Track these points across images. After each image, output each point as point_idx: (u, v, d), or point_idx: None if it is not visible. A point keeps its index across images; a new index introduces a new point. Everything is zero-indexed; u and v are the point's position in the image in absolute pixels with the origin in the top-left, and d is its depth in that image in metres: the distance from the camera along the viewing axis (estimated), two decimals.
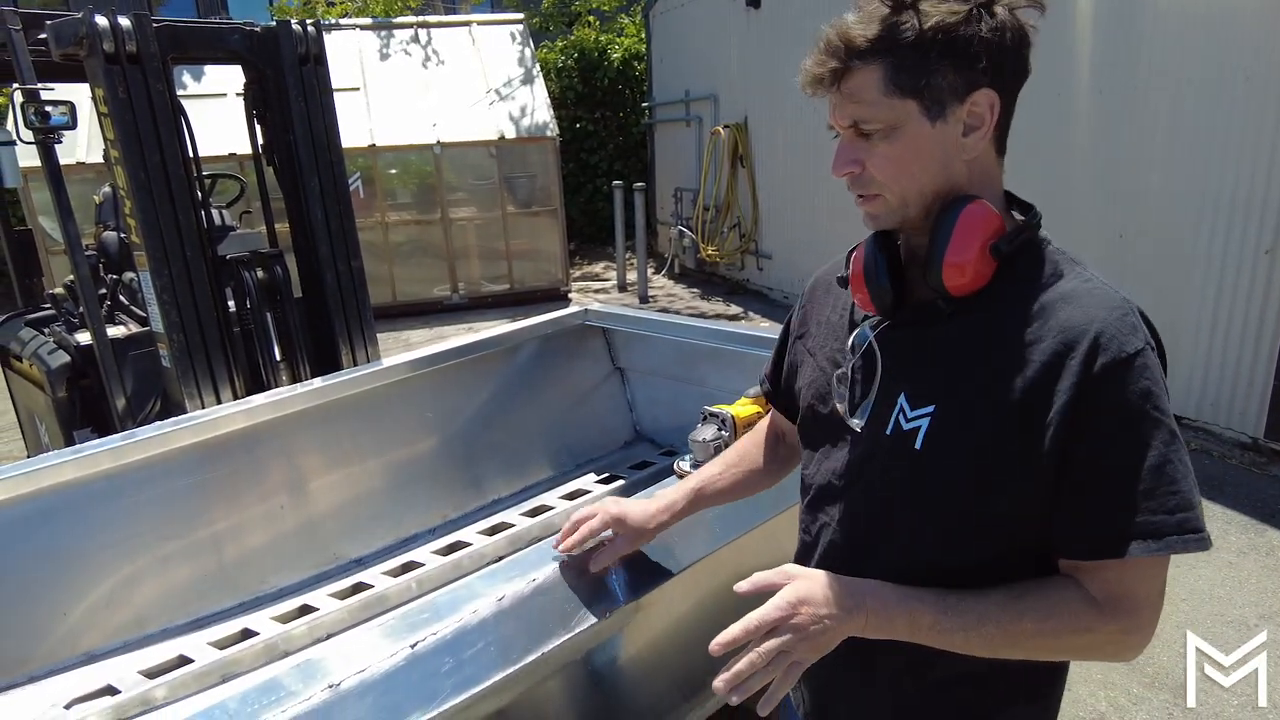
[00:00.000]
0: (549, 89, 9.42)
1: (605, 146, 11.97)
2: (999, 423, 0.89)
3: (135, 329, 3.14)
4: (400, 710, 1.17)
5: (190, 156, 2.85)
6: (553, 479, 2.90)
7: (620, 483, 2.73)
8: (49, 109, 2.66)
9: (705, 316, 7.71)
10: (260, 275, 3.09)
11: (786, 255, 8.06)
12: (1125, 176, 4.56)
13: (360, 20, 9.59)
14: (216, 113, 7.30)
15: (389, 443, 2.66)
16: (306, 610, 2.12)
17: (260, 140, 3.22)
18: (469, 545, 2.35)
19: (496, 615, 1.32)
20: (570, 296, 8.85)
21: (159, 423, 2.27)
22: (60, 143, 2.77)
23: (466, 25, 9.43)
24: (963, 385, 0.92)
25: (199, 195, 2.92)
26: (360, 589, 2.18)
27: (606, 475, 2.82)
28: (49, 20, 2.69)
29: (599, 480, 2.80)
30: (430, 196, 8.37)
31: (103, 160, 2.95)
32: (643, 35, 11.23)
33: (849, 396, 1.03)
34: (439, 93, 8.60)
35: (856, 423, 1.01)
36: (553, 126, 8.53)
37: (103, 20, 2.56)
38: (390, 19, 9.67)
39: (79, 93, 2.94)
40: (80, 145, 7.19)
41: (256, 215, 3.90)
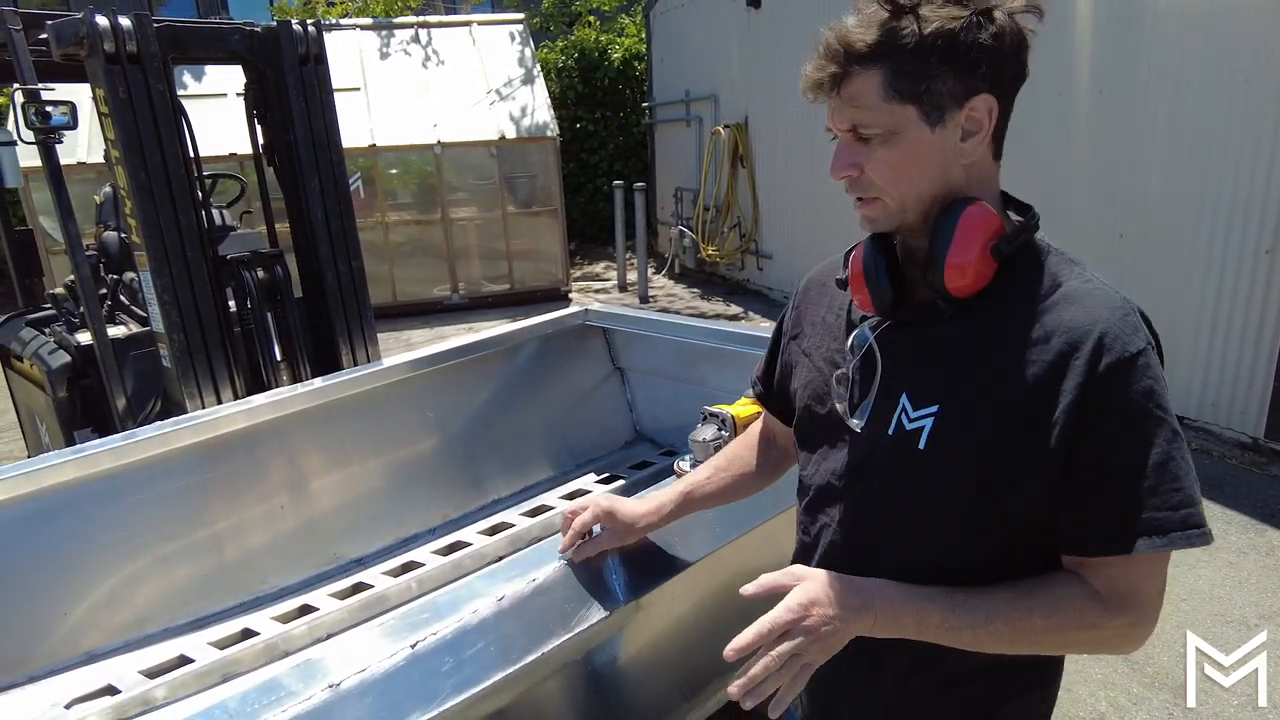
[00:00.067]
0: (549, 89, 9.42)
1: (605, 146, 11.97)
2: (1003, 422, 0.89)
3: (136, 329, 3.15)
4: (400, 710, 1.17)
5: (191, 156, 2.85)
6: (553, 479, 2.91)
7: (620, 482, 2.73)
8: (49, 109, 2.66)
9: (705, 316, 7.71)
10: (261, 275, 3.09)
11: (787, 255, 8.06)
12: (1125, 178, 4.56)
13: (360, 20, 9.59)
14: (217, 113, 7.31)
15: (389, 443, 2.66)
16: (307, 610, 2.12)
17: (261, 140, 3.22)
18: (469, 545, 2.35)
19: (496, 615, 1.33)
20: (570, 296, 8.85)
21: (159, 423, 2.27)
22: (61, 143, 2.77)
23: (467, 25, 9.43)
24: (966, 385, 0.92)
25: (199, 195, 2.92)
26: (360, 589, 2.18)
27: (607, 475, 2.82)
28: (50, 20, 2.70)
29: (599, 480, 2.80)
30: (431, 196, 8.37)
31: (103, 160, 2.95)
32: (643, 35, 11.23)
33: (848, 397, 1.03)
34: (439, 93, 8.60)
35: (856, 423, 1.01)
36: (553, 126, 8.53)
37: (103, 20, 2.56)
38: (390, 19, 9.67)
39: (79, 93, 2.95)
40: (81, 145, 7.20)
41: (257, 215, 3.91)
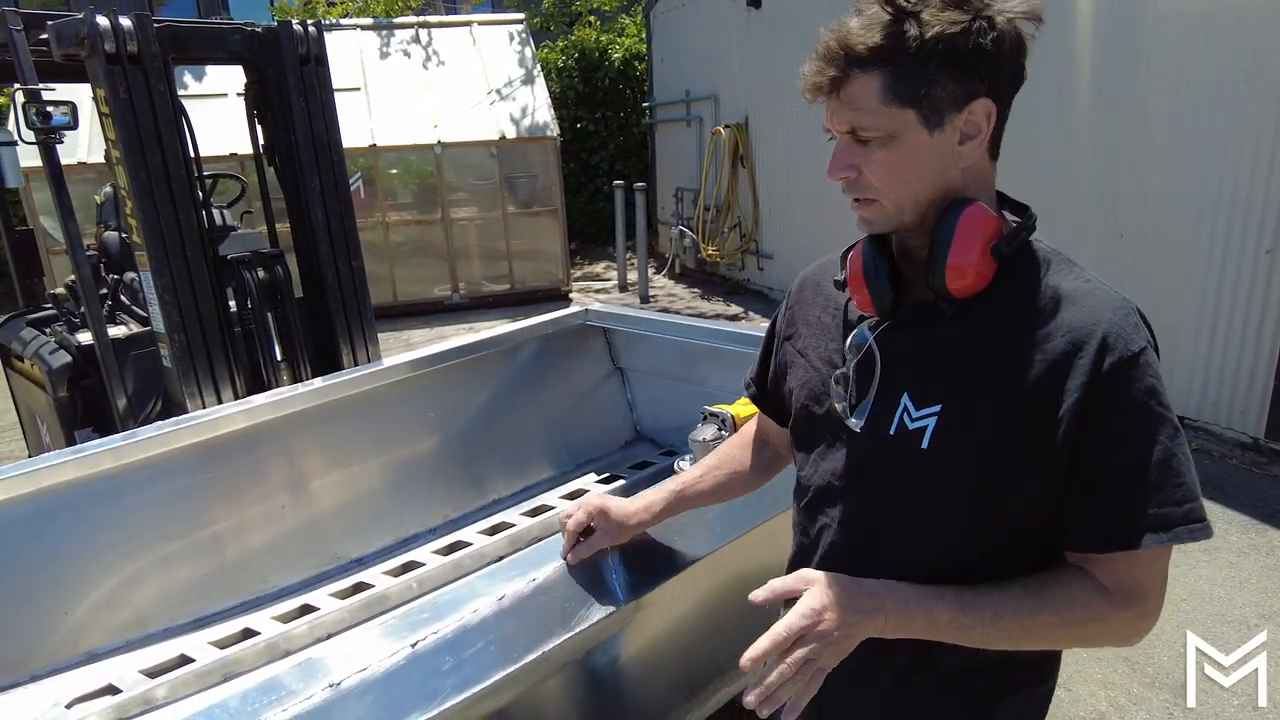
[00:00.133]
0: (550, 89, 9.42)
1: (606, 146, 11.97)
2: (1007, 422, 0.90)
3: (136, 329, 3.15)
4: (401, 709, 1.18)
5: (191, 156, 2.85)
6: (553, 479, 2.91)
7: (621, 482, 2.73)
8: (50, 109, 2.66)
9: (706, 316, 7.71)
10: (261, 275, 3.09)
11: (787, 255, 8.06)
12: (1125, 178, 4.56)
13: (361, 20, 9.59)
14: (217, 113, 7.31)
15: (390, 442, 2.66)
16: (307, 610, 2.12)
17: (261, 140, 3.22)
18: (469, 545, 2.35)
19: (497, 615, 1.33)
20: (571, 296, 8.85)
21: (160, 423, 2.27)
22: (61, 143, 2.77)
23: (467, 25, 9.43)
24: (969, 385, 0.93)
25: (200, 195, 2.92)
26: (361, 589, 2.18)
27: (607, 475, 2.82)
28: (50, 20, 2.70)
29: (599, 480, 2.80)
30: (431, 196, 8.37)
31: (104, 160, 2.95)
32: (643, 35, 11.23)
33: (846, 397, 1.03)
34: (440, 93, 8.60)
35: (855, 423, 1.01)
36: (553, 126, 8.53)
37: (104, 21, 2.56)
38: (391, 19, 9.67)
39: (80, 93, 2.95)
40: (81, 145, 7.20)
41: (257, 215, 3.91)
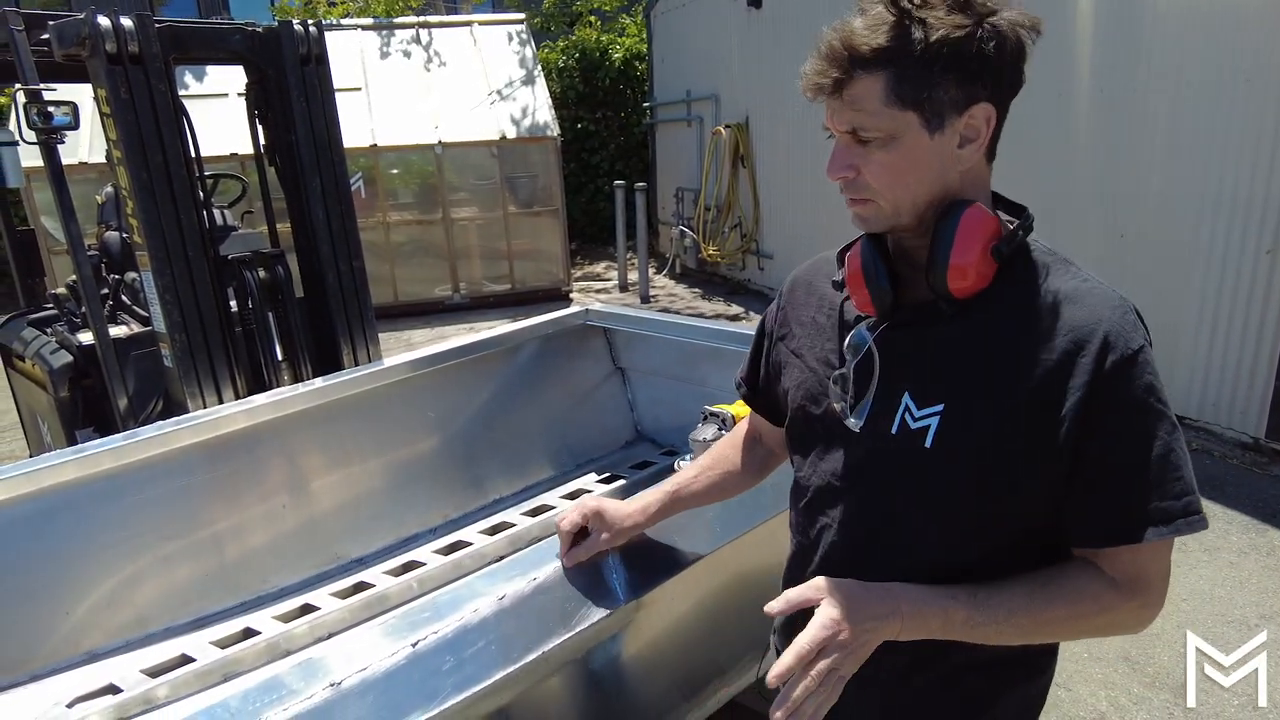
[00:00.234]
0: (550, 89, 9.42)
1: (606, 146, 11.97)
2: (1009, 420, 0.90)
3: (137, 329, 3.15)
4: (401, 709, 1.18)
5: (192, 156, 2.85)
6: (554, 479, 2.91)
7: (621, 482, 2.73)
8: (51, 109, 2.67)
9: (706, 316, 7.71)
10: (262, 275, 3.09)
11: (788, 255, 8.06)
12: (1125, 178, 4.56)
13: (361, 20, 9.60)
14: (218, 113, 7.31)
15: (390, 442, 2.66)
16: (308, 609, 2.12)
17: (262, 140, 3.22)
18: (470, 545, 2.35)
19: (497, 614, 1.33)
20: (571, 296, 8.85)
21: (161, 422, 2.27)
22: (63, 143, 2.77)
23: (468, 25, 9.43)
24: (971, 384, 0.93)
25: (201, 195, 2.93)
26: (361, 588, 2.18)
27: (607, 475, 2.82)
28: (51, 21, 2.70)
29: (600, 480, 2.80)
30: (432, 196, 8.38)
31: (105, 160, 2.95)
32: (644, 35, 11.23)
33: (845, 397, 1.03)
34: (440, 93, 8.60)
35: (854, 423, 1.01)
36: (554, 126, 8.53)
37: (105, 21, 2.56)
38: (391, 19, 9.68)
39: (81, 93, 2.95)
40: (83, 145, 7.21)
41: (258, 215, 3.91)
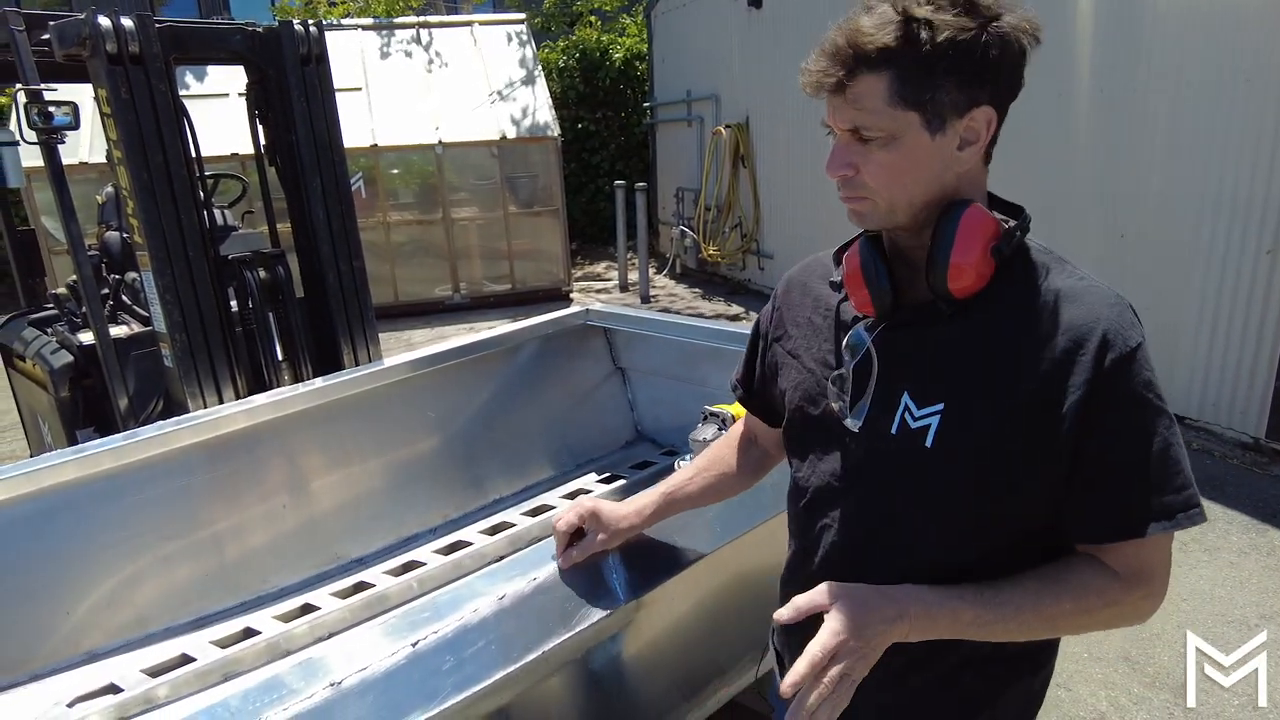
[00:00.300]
0: (550, 89, 9.42)
1: (607, 146, 11.97)
2: (1011, 419, 0.91)
3: (138, 329, 3.15)
4: (401, 708, 1.18)
5: (193, 157, 2.86)
6: (554, 479, 2.91)
7: (621, 482, 2.72)
8: (52, 109, 2.67)
9: (706, 316, 7.71)
10: (262, 275, 3.09)
11: (788, 255, 8.07)
12: (1126, 178, 4.56)
13: (362, 20, 9.60)
14: (219, 113, 7.32)
15: (390, 442, 2.66)
16: (308, 609, 2.12)
17: (262, 140, 3.22)
18: (470, 545, 2.34)
19: (497, 614, 1.33)
20: (572, 296, 8.85)
21: (161, 422, 2.27)
22: (63, 143, 2.77)
23: (468, 25, 9.43)
24: (971, 383, 0.93)
25: (201, 195, 2.93)
26: (361, 588, 2.18)
27: (608, 475, 2.82)
28: (52, 21, 2.70)
29: (600, 480, 2.80)
30: (432, 196, 8.38)
31: (105, 160, 2.96)
32: (644, 35, 11.23)
33: (844, 398, 1.03)
34: (441, 93, 8.60)
35: (853, 424, 1.01)
36: (554, 126, 8.54)
37: (105, 21, 2.57)
38: (392, 19, 9.68)
39: (82, 93, 2.95)
40: (83, 145, 7.21)
41: (259, 215, 3.91)
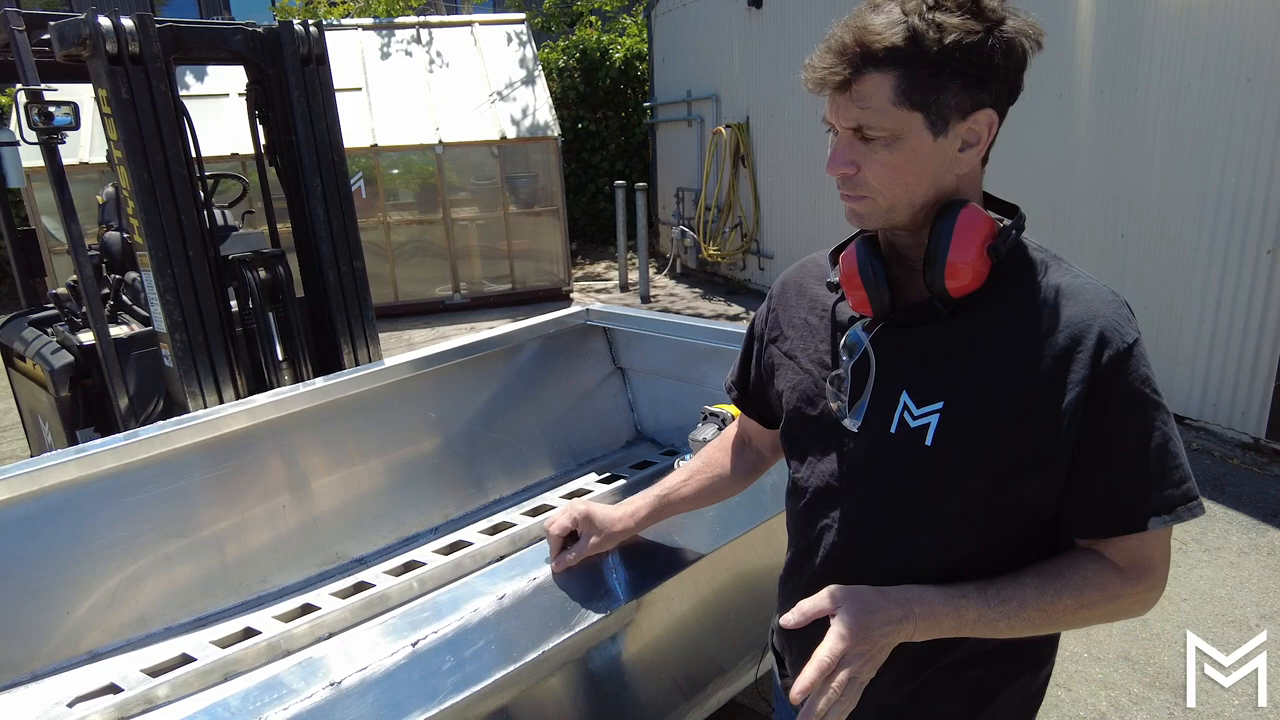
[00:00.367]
0: (550, 89, 9.42)
1: (607, 146, 11.97)
2: (1011, 416, 0.91)
3: (138, 329, 3.15)
4: (401, 708, 1.18)
5: (193, 156, 2.86)
6: (554, 478, 2.91)
7: (621, 482, 2.72)
8: (52, 109, 2.67)
9: (706, 316, 7.71)
10: (262, 275, 3.10)
11: (788, 255, 8.07)
12: (1126, 178, 4.56)
13: (362, 20, 9.60)
14: (219, 113, 7.33)
15: (390, 442, 2.67)
16: (308, 609, 2.13)
17: (262, 140, 3.23)
18: (470, 544, 2.35)
19: (497, 614, 1.33)
20: (572, 296, 8.85)
21: (161, 422, 2.28)
22: (63, 143, 2.78)
23: (468, 25, 9.43)
24: (970, 381, 0.94)
25: (201, 195, 2.93)
26: (362, 588, 2.18)
27: (608, 475, 2.82)
28: (52, 21, 2.70)
29: (600, 480, 2.80)
30: (432, 196, 8.38)
31: (106, 160, 2.96)
32: (644, 35, 11.23)
33: (842, 398, 1.03)
34: (441, 93, 8.60)
35: (852, 423, 1.02)
36: (554, 126, 8.53)
37: (106, 21, 2.57)
38: (392, 19, 9.67)
39: (82, 93, 2.95)
40: (83, 145, 7.21)
41: (259, 215, 3.92)
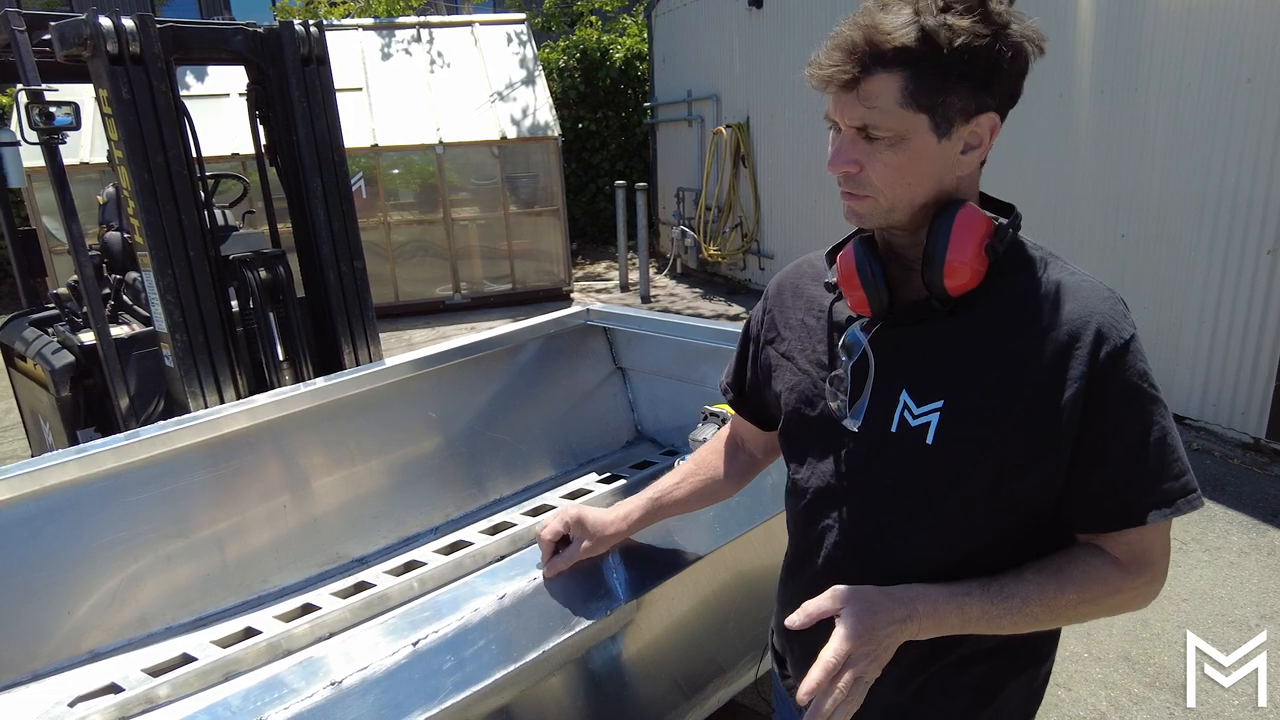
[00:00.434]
0: (551, 89, 9.42)
1: (607, 146, 11.97)
2: (1010, 413, 0.91)
3: (139, 329, 3.16)
4: (402, 708, 1.18)
5: (193, 157, 2.86)
6: (554, 478, 2.91)
7: (622, 482, 2.72)
8: (53, 109, 2.67)
9: (707, 316, 7.71)
10: (263, 275, 3.10)
11: (788, 255, 8.07)
12: (1126, 178, 4.56)
13: (362, 20, 9.60)
14: (219, 113, 7.33)
15: (391, 442, 2.67)
16: (309, 609, 2.13)
17: (263, 140, 3.23)
18: (471, 544, 2.35)
19: (498, 614, 1.33)
20: (572, 296, 8.85)
21: (162, 422, 2.28)
22: (64, 143, 2.78)
23: (469, 25, 9.43)
24: (969, 380, 0.94)
25: (202, 195, 2.93)
26: (362, 588, 2.18)
27: (608, 475, 2.82)
28: (53, 21, 2.70)
29: (600, 480, 2.80)
30: (432, 196, 8.38)
31: (106, 160, 2.96)
32: (645, 35, 11.23)
33: (842, 398, 1.03)
34: (441, 93, 8.60)
35: (852, 424, 1.02)
36: (555, 126, 8.54)
37: (106, 21, 2.57)
38: (392, 19, 9.67)
39: (83, 93, 2.96)
40: (84, 145, 7.22)
41: (259, 215, 3.92)
